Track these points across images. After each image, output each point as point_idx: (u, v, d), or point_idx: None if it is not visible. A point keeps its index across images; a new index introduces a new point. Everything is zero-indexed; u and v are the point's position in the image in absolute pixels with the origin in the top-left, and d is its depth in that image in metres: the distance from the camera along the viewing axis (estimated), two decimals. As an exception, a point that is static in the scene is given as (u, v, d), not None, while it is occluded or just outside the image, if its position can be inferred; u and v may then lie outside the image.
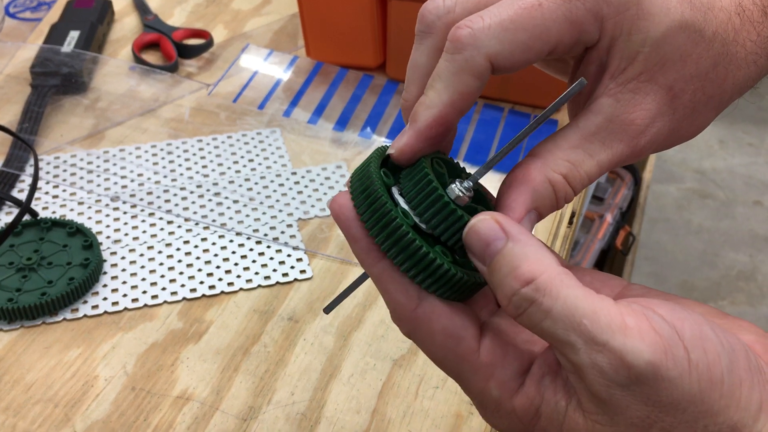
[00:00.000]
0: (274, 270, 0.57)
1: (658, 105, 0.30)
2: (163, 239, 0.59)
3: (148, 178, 0.65)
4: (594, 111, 0.30)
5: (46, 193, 0.63)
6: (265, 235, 0.60)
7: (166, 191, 0.64)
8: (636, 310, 0.26)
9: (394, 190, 0.30)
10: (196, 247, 0.58)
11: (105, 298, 0.54)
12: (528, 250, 0.27)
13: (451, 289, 0.29)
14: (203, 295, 0.55)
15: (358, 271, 0.56)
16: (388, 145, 0.31)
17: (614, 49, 0.30)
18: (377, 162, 0.30)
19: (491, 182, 0.33)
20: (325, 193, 0.64)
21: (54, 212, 0.61)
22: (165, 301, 0.54)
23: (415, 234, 0.28)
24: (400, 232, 0.28)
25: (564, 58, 0.34)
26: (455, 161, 0.32)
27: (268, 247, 0.59)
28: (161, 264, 0.57)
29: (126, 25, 0.86)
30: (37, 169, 0.60)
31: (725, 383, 0.25)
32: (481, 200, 0.31)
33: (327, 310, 0.34)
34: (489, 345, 0.29)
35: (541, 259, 0.26)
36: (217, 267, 0.57)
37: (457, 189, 0.29)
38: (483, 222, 0.28)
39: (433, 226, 0.29)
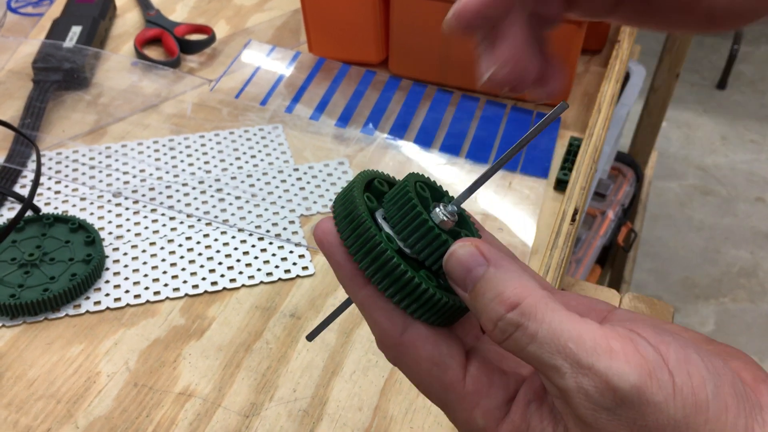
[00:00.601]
0: (276, 266, 0.57)
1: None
2: (165, 235, 0.59)
3: (150, 174, 0.65)
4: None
5: (48, 188, 0.63)
6: (268, 231, 0.60)
7: (168, 187, 0.64)
8: (621, 333, 0.26)
9: (378, 215, 0.29)
10: (198, 243, 0.58)
11: (107, 294, 0.54)
12: (510, 275, 0.26)
13: (436, 314, 0.29)
14: (205, 292, 0.55)
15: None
16: (371, 170, 0.31)
17: None
18: (361, 186, 0.30)
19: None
20: (327, 190, 0.64)
21: (56, 208, 0.61)
22: (167, 298, 0.54)
23: (399, 258, 0.28)
24: (384, 257, 0.28)
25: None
26: (438, 185, 0.31)
27: (271, 243, 0.59)
28: (163, 260, 0.57)
29: (128, 21, 0.86)
30: (39, 164, 0.60)
31: (710, 408, 0.25)
32: (464, 224, 0.31)
33: (310, 337, 0.34)
34: (475, 373, 0.28)
35: (524, 283, 0.26)
36: (219, 263, 0.57)
37: (441, 213, 0.29)
38: (463, 248, 0.27)
39: (418, 250, 0.29)
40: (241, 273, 0.56)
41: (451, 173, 0.66)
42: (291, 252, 0.58)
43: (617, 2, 0.32)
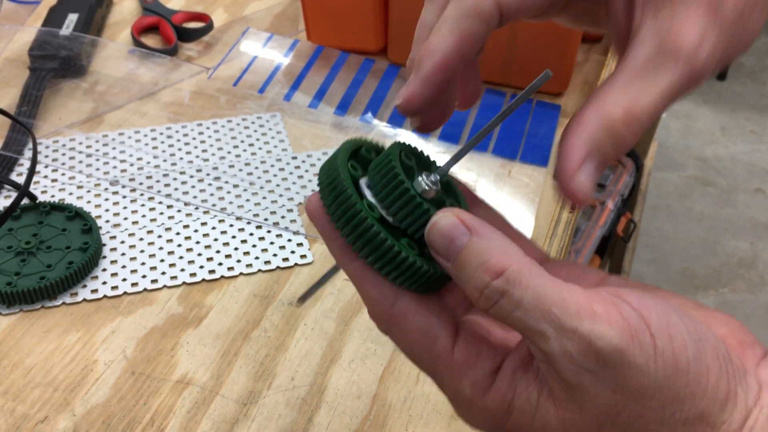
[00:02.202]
0: (275, 255, 0.56)
1: (701, 22, 0.28)
2: (162, 223, 0.59)
3: (148, 162, 0.64)
4: (638, 42, 0.28)
5: (45, 176, 0.63)
6: (266, 219, 0.59)
7: (165, 175, 0.63)
8: (604, 297, 0.26)
9: (362, 183, 0.29)
10: (195, 231, 0.58)
11: (104, 283, 0.54)
12: (494, 243, 0.26)
13: (418, 282, 0.29)
14: (203, 280, 0.54)
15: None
16: (358, 138, 0.31)
17: None
18: (345, 154, 0.29)
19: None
20: (325, 178, 0.64)
21: (53, 196, 0.61)
22: (165, 286, 0.54)
23: (379, 226, 0.28)
24: (364, 225, 0.28)
25: (590, 9, 0.32)
26: (425, 154, 0.31)
27: (269, 231, 0.58)
28: (161, 248, 0.56)
29: (125, 8, 0.85)
30: (35, 152, 0.60)
31: (691, 371, 0.25)
32: (450, 192, 0.31)
33: (301, 300, 0.34)
34: (463, 344, 0.29)
35: (508, 251, 0.26)
36: (217, 251, 0.56)
37: (423, 182, 0.29)
38: (444, 219, 0.27)
39: (400, 219, 0.29)
40: (239, 261, 0.56)
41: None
42: (289, 240, 0.58)
43: (562, 8, 0.32)
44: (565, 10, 0.33)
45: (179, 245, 0.57)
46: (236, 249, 0.57)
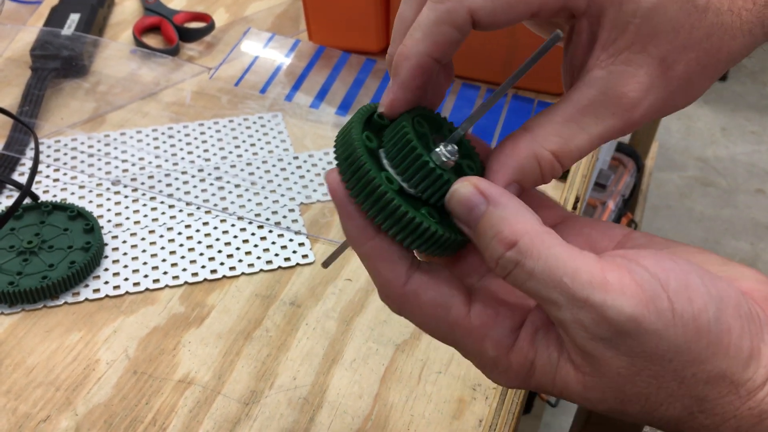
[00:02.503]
0: (276, 254, 0.56)
1: (650, 77, 0.29)
2: (164, 223, 0.59)
3: (150, 162, 0.65)
4: (586, 84, 0.29)
5: (47, 176, 0.63)
6: (267, 219, 0.59)
7: (167, 175, 0.63)
8: (619, 264, 0.26)
9: (381, 153, 0.29)
10: (197, 231, 0.58)
11: (106, 282, 0.54)
12: (508, 212, 0.27)
13: (440, 249, 0.29)
14: (205, 280, 0.54)
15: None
16: (371, 103, 0.31)
17: (604, 18, 0.29)
18: (359, 125, 0.29)
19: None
20: (327, 178, 0.64)
21: (55, 196, 0.61)
22: (167, 285, 0.54)
23: (400, 199, 0.28)
24: (385, 199, 0.28)
25: (556, 22, 0.33)
26: (437, 114, 0.31)
27: (270, 231, 0.58)
28: (163, 248, 0.57)
29: (126, 8, 0.85)
30: (37, 152, 0.60)
31: (712, 332, 0.25)
32: (467, 154, 0.31)
33: (325, 264, 0.34)
34: (479, 308, 0.29)
35: (521, 220, 0.27)
36: (219, 251, 0.56)
37: (442, 154, 0.29)
38: (463, 188, 0.28)
39: (421, 190, 0.29)
40: (240, 261, 0.56)
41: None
42: (291, 240, 0.58)
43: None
44: (537, 26, 0.34)
45: (181, 245, 0.57)
46: (238, 249, 0.57)
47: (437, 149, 0.29)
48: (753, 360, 0.26)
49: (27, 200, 0.58)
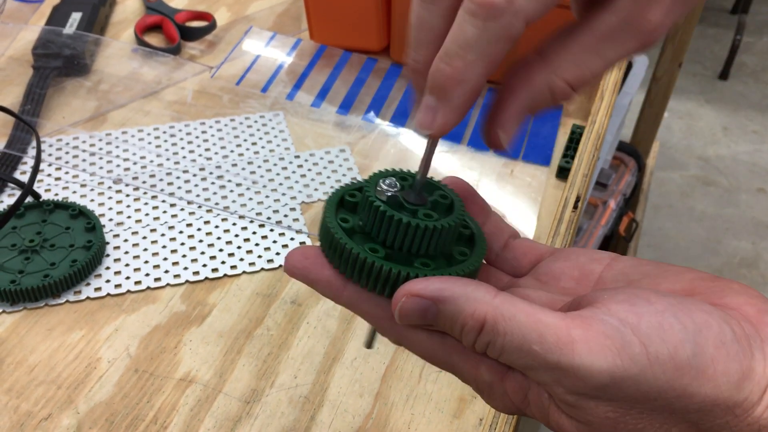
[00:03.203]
0: (277, 253, 0.57)
1: (668, 2, 0.28)
2: (165, 222, 0.59)
3: (151, 161, 0.65)
4: (611, 10, 0.28)
5: (49, 175, 0.63)
6: (269, 218, 0.59)
7: (168, 174, 0.63)
8: (585, 318, 0.26)
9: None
10: (199, 230, 0.58)
11: (108, 281, 0.54)
12: (459, 303, 0.27)
13: (391, 286, 0.29)
14: (206, 278, 0.55)
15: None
16: (340, 187, 0.32)
17: None
18: (332, 213, 0.31)
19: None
20: (328, 177, 0.64)
21: (56, 194, 0.61)
22: (168, 284, 0.54)
23: (381, 261, 0.29)
24: (366, 265, 0.29)
25: None
26: (395, 171, 0.32)
27: (272, 230, 0.58)
28: (164, 247, 0.57)
29: (128, 7, 0.86)
30: (39, 151, 0.60)
31: (693, 366, 0.25)
32: (438, 191, 0.32)
33: (368, 345, 0.36)
34: None
35: (476, 304, 0.27)
36: (220, 250, 0.57)
37: (383, 191, 0.30)
38: (406, 303, 0.28)
39: (398, 243, 0.29)
40: (242, 260, 0.56)
41: (452, 161, 0.66)
42: (292, 239, 0.58)
43: None
44: None
45: (182, 244, 0.57)
46: (239, 247, 0.57)
47: (378, 186, 0.30)
48: (746, 380, 0.26)
49: (29, 199, 0.59)
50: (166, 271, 0.55)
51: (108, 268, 0.55)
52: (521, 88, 0.29)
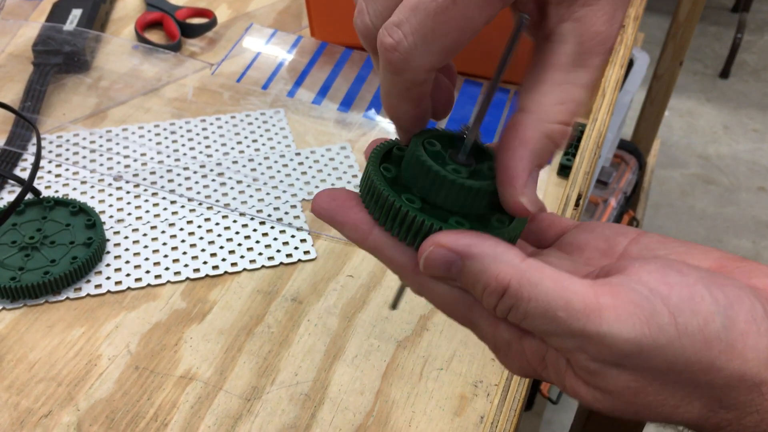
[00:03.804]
0: (278, 250, 0.56)
1: (609, 7, 0.29)
2: (166, 219, 0.59)
3: (152, 158, 0.64)
4: (559, 41, 0.29)
5: (49, 172, 0.63)
6: (269, 215, 0.59)
7: (169, 171, 0.63)
8: (614, 284, 0.26)
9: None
10: (199, 227, 0.58)
11: (108, 278, 0.54)
12: (485, 262, 0.27)
13: (421, 238, 0.29)
14: (207, 275, 0.54)
15: (362, 251, 0.55)
16: (386, 140, 0.32)
17: None
18: (376, 162, 0.31)
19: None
20: (329, 174, 0.64)
21: (57, 191, 0.61)
22: (168, 281, 0.54)
23: (414, 210, 0.28)
24: (400, 214, 0.29)
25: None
26: (445, 130, 0.32)
27: (272, 227, 0.58)
28: (164, 244, 0.57)
29: (129, 4, 0.85)
30: (39, 147, 0.60)
31: (722, 339, 0.25)
32: (487, 157, 0.31)
33: (394, 306, 0.35)
34: None
35: (501, 266, 0.27)
36: (221, 247, 0.56)
37: (432, 143, 0.30)
38: (432, 252, 0.28)
39: (441, 199, 0.29)
40: (242, 257, 0.56)
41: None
42: (293, 236, 0.58)
43: None
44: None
45: (183, 241, 0.57)
46: (240, 245, 0.57)
47: (427, 143, 0.30)
48: None
49: (29, 196, 0.58)
50: (167, 269, 0.55)
51: (108, 265, 0.55)
52: (522, 150, 0.29)
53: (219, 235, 0.57)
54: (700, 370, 0.25)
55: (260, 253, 0.56)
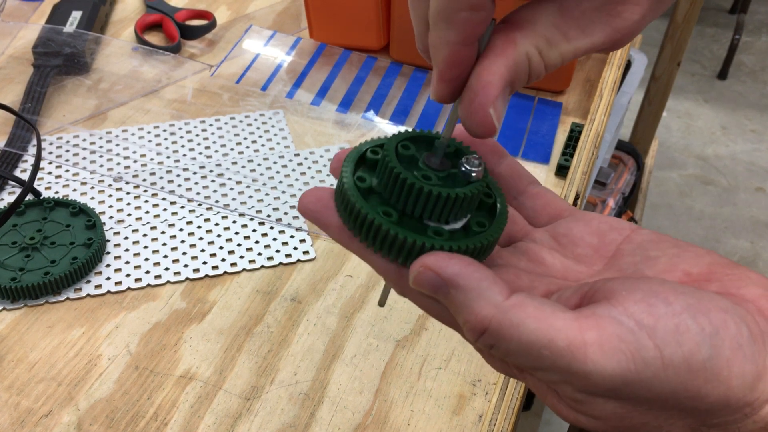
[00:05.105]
0: (277, 251, 0.57)
1: (645, 7, 0.28)
2: (166, 220, 0.59)
3: (151, 159, 0.65)
4: None
5: (49, 173, 0.63)
6: (269, 216, 0.60)
7: (168, 172, 0.63)
8: (598, 318, 0.25)
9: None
10: (199, 227, 0.58)
11: (108, 278, 0.54)
12: (469, 296, 0.26)
13: (398, 252, 0.28)
14: (206, 276, 0.55)
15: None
16: (362, 143, 0.31)
17: None
18: (350, 170, 0.29)
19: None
20: (328, 175, 0.64)
21: (57, 192, 0.61)
22: (168, 281, 0.54)
23: (395, 228, 0.28)
24: (378, 229, 0.28)
25: None
26: (422, 131, 0.30)
27: (272, 228, 0.59)
28: (164, 244, 0.57)
29: (128, 6, 0.86)
30: (39, 149, 0.60)
31: (708, 369, 0.25)
32: (463, 154, 0.30)
33: (381, 303, 0.34)
34: None
35: (483, 303, 0.26)
36: (220, 247, 0.57)
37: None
38: (422, 273, 0.27)
39: (389, 195, 0.28)
40: (242, 257, 0.56)
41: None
42: (292, 236, 0.58)
43: None
44: None
45: (182, 241, 0.57)
46: (239, 245, 0.57)
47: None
48: (759, 381, 0.26)
49: (29, 196, 0.59)
50: (167, 269, 0.55)
51: (108, 265, 0.55)
52: (502, 56, 0.27)
53: (218, 236, 0.58)
54: (686, 398, 0.25)
55: (259, 254, 0.56)
